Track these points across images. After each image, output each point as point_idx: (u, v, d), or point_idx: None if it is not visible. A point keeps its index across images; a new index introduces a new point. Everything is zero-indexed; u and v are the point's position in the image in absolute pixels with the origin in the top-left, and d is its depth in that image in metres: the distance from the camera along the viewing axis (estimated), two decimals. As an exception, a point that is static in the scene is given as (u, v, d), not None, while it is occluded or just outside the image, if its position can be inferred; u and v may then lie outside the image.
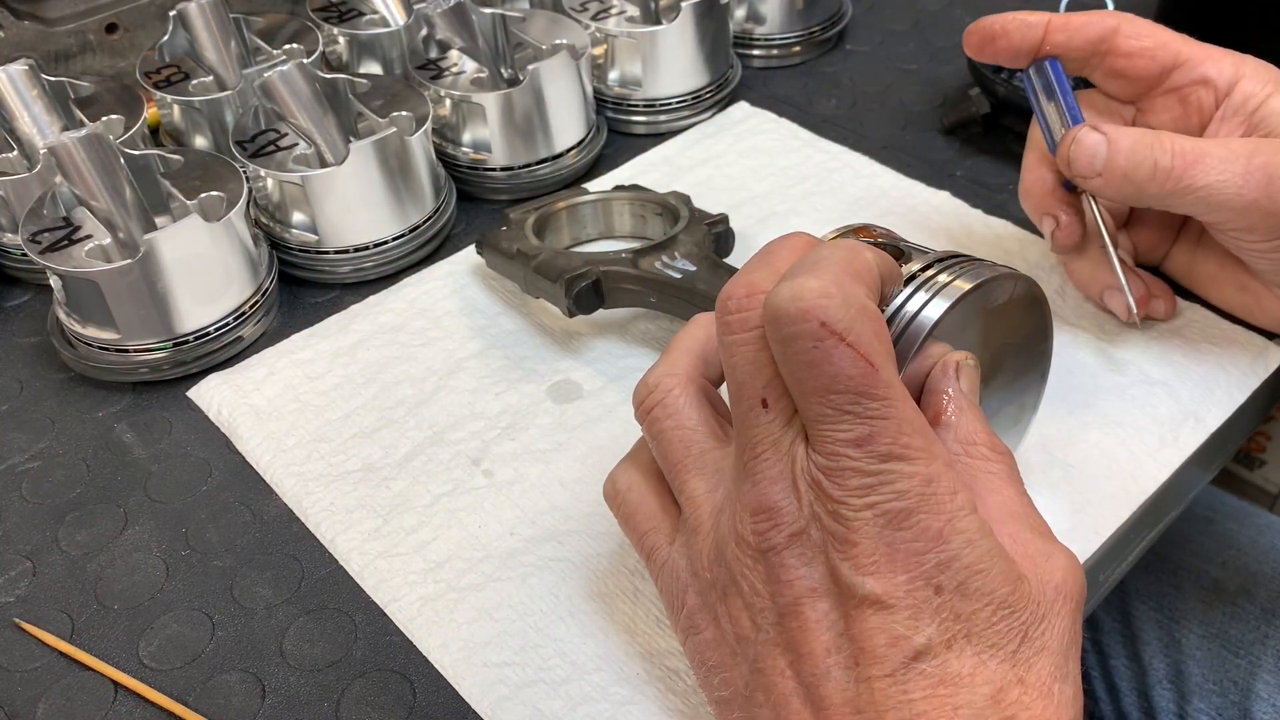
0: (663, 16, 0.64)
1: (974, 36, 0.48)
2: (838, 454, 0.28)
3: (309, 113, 0.53)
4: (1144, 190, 0.43)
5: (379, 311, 0.54)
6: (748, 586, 0.30)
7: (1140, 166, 0.43)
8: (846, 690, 0.29)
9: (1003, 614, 0.28)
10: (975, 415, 0.33)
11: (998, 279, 0.35)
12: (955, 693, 0.28)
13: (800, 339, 0.28)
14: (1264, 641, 0.59)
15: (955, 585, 0.28)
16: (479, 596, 0.41)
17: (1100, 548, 0.42)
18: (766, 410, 0.30)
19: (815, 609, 0.29)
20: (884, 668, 0.28)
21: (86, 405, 0.51)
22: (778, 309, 0.28)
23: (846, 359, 0.28)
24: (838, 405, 0.28)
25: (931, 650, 0.28)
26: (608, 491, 0.37)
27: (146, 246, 0.47)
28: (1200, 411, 0.46)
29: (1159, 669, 0.60)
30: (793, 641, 0.30)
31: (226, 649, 0.40)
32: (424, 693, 0.38)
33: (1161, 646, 0.60)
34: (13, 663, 0.40)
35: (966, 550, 0.28)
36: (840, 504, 0.28)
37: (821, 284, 0.28)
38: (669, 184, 0.60)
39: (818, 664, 0.29)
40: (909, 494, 0.28)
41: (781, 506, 0.29)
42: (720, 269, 0.49)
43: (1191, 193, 0.42)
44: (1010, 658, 0.28)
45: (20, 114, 0.56)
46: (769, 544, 0.30)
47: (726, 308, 0.31)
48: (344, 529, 0.44)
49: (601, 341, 0.52)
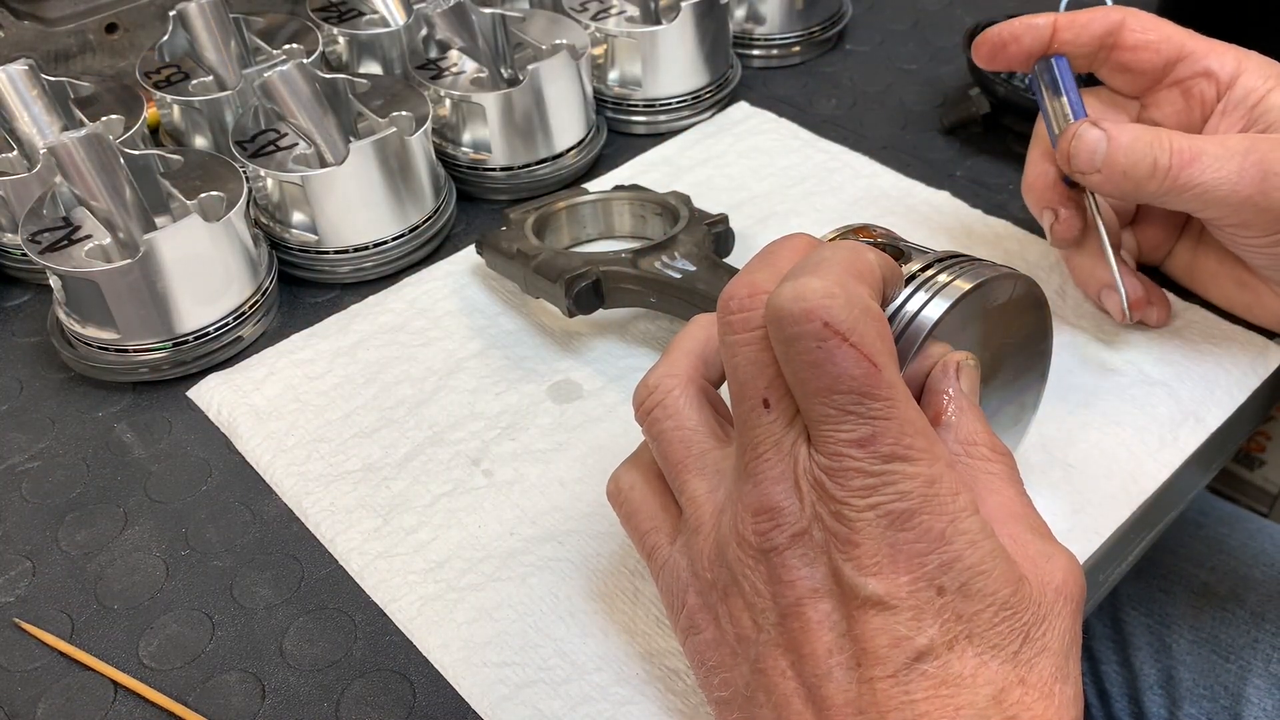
0: (663, 16, 0.64)
1: (984, 47, 0.48)
2: (840, 454, 0.28)
3: (309, 113, 0.53)
4: (1142, 187, 0.43)
5: (379, 311, 0.54)
6: (749, 587, 0.30)
7: (1139, 164, 0.43)
8: (849, 691, 0.29)
9: (1004, 615, 0.28)
10: (976, 415, 0.33)
11: (998, 279, 0.35)
12: (957, 693, 0.28)
13: (803, 339, 0.28)
14: (1254, 646, 0.59)
15: (957, 586, 0.28)
16: (479, 596, 0.41)
17: (1100, 548, 0.42)
18: (768, 411, 0.30)
19: (817, 610, 0.29)
20: (886, 668, 0.28)
21: (86, 405, 0.51)
22: (781, 309, 0.28)
23: (850, 359, 0.28)
24: (840, 406, 0.28)
25: (934, 651, 0.28)
26: (611, 490, 0.37)
27: (146, 246, 0.47)
28: (1200, 411, 0.46)
29: (1150, 674, 0.60)
30: (794, 642, 0.30)
31: (226, 649, 0.40)
32: (424, 693, 0.39)
33: (1152, 652, 0.60)
34: (13, 663, 0.40)
35: (969, 551, 0.28)
36: (843, 504, 0.28)
37: (825, 284, 0.28)
38: (669, 184, 0.60)
39: (819, 665, 0.29)
40: (911, 495, 0.28)
41: (783, 507, 0.29)
42: (720, 269, 0.49)
43: (1188, 190, 0.43)
44: (1012, 659, 0.28)
45: (20, 114, 0.56)
46: (771, 544, 0.30)
47: (728, 308, 0.31)
48: (344, 529, 0.44)
49: (601, 341, 0.52)
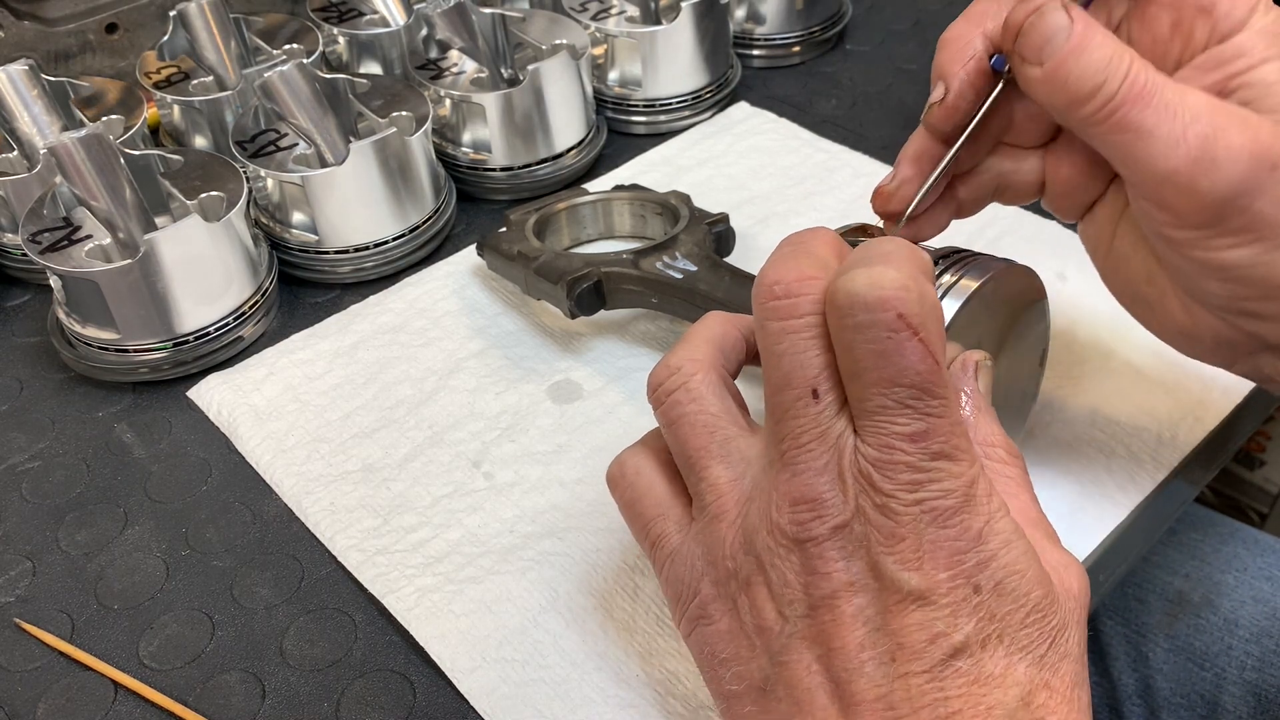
0: (663, 16, 0.64)
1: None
2: (892, 447, 0.28)
3: (309, 113, 0.53)
4: (1075, 108, 0.35)
5: (379, 311, 0.54)
6: (777, 577, 0.30)
7: (1088, 78, 0.34)
8: (880, 686, 0.28)
9: (1035, 617, 0.29)
10: (992, 417, 0.33)
11: (1001, 273, 0.36)
12: (989, 692, 0.28)
13: (875, 327, 0.28)
14: (1228, 653, 0.59)
15: (993, 585, 0.28)
16: (477, 589, 0.41)
17: (1099, 547, 0.42)
18: (816, 401, 0.29)
19: (852, 603, 0.29)
20: (922, 664, 0.28)
21: (86, 405, 0.51)
22: (856, 294, 0.28)
23: (917, 354, 0.27)
24: (899, 399, 0.28)
25: (969, 648, 0.28)
26: (613, 474, 0.36)
27: (146, 246, 0.47)
28: (1199, 410, 0.46)
29: (1128, 684, 0.60)
30: (824, 635, 0.29)
31: (226, 649, 0.40)
32: (424, 693, 0.39)
33: (1130, 662, 0.60)
34: (13, 663, 0.40)
35: (1004, 551, 0.28)
36: (890, 498, 0.28)
37: (900, 276, 0.28)
38: (669, 184, 0.60)
39: (850, 659, 0.29)
40: (955, 493, 0.28)
41: (826, 498, 0.29)
42: (721, 269, 0.49)
43: (1121, 133, 0.34)
44: (1038, 661, 0.28)
45: (20, 114, 0.56)
46: (809, 534, 0.29)
47: (772, 293, 0.30)
48: (343, 527, 0.44)
49: (601, 342, 0.52)
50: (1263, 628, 0.60)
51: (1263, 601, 0.61)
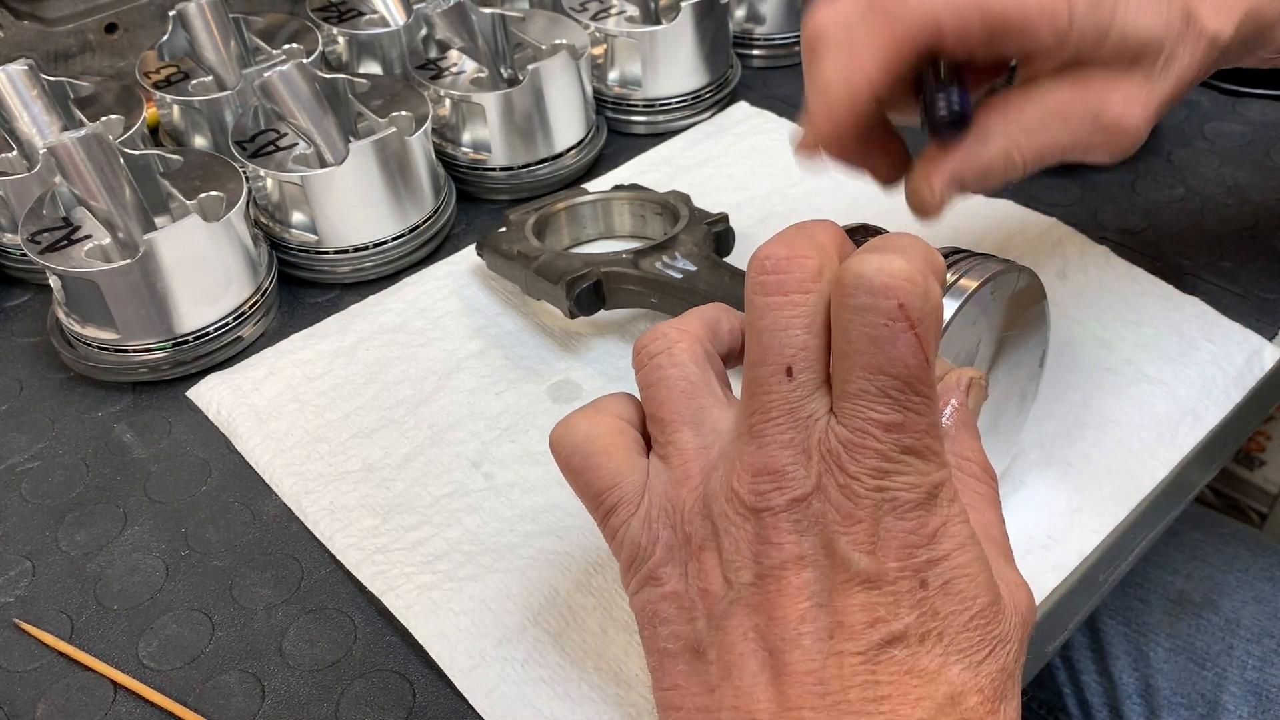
0: (663, 16, 0.64)
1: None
2: (865, 431, 0.28)
3: (309, 113, 0.53)
4: None
5: (379, 312, 0.54)
6: (729, 544, 0.30)
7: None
8: (814, 660, 0.29)
9: (979, 623, 0.29)
10: (974, 434, 0.33)
11: (1001, 274, 0.36)
12: (920, 685, 0.28)
13: (873, 311, 0.28)
14: (1229, 653, 0.59)
15: (941, 584, 0.29)
16: (477, 587, 0.41)
17: (1099, 547, 0.42)
18: (790, 379, 0.30)
19: (800, 576, 0.29)
20: (859, 644, 0.28)
21: (86, 405, 0.51)
22: (863, 276, 0.28)
23: (909, 347, 0.28)
24: (882, 386, 0.28)
25: (906, 639, 0.28)
26: (559, 439, 0.34)
27: (146, 246, 0.47)
28: (1198, 409, 0.46)
29: (1128, 684, 0.60)
30: (767, 604, 0.29)
31: (226, 649, 0.40)
32: (423, 693, 0.39)
33: (1130, 661, 0.61)
34: (13, 663, 0.40)
35: (957, 553, 0.29)
36: (854, 480, 0.28)
37: (910, 269, 0.28)
38: (669, 184, 0.60)
39: (789, 629, 0.29)
40: (918, 488, 0.28)
41: (788, 470, 0.29)
42: (721, 268, 0.49)
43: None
44: (975, 667, 0.29)
45: (20, 114, 0.56)
46: (766, 504, 0.29)
47: (762, 267, 0.30)
48: (343, 528, 0.44)
49: (601, 342, 0.52)
50: (1264, 627, 0.60)
51: (1264, 601, 0.61)
